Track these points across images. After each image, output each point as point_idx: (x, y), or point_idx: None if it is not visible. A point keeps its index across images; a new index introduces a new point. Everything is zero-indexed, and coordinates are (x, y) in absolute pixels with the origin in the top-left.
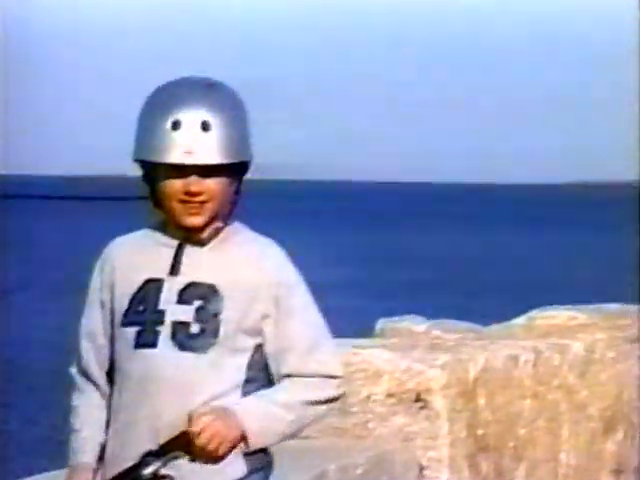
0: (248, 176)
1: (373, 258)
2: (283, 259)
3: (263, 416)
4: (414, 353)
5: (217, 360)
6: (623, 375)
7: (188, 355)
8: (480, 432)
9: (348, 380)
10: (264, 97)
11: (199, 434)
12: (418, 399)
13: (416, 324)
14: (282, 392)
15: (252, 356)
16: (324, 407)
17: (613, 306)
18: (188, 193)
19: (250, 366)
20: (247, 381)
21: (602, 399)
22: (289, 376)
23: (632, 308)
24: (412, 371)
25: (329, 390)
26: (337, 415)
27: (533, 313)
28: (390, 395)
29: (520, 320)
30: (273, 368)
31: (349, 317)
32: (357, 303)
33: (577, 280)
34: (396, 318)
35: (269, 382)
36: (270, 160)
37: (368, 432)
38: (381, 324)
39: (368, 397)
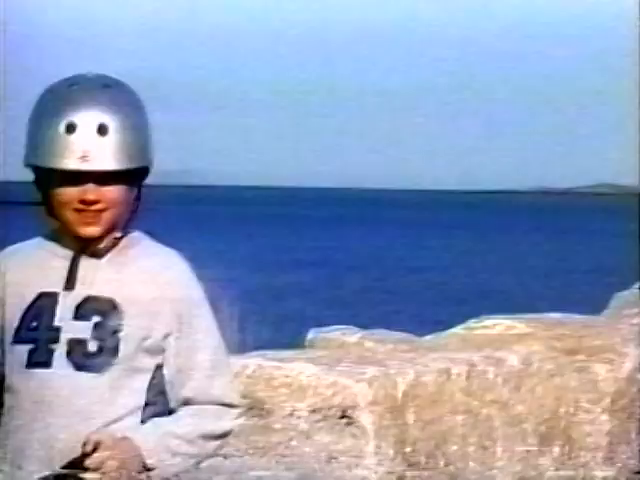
0: (149, 181)
1: (297, 263)
2: (186, 272)
3: (162, 448)
4: (340, 366)
5: (116, 381)
6: (560, 389)
7: (85, 375)
8: (409, 450)
9: (270, 395)
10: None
11: (95, 469)
12: (344, 415)
13: (348, 335)
14: (181, 423)
15: (152, 377)
16: (220, 441)
17: (553, 315)
18: (84, 201)
19: (150, 388)
20: (146, 404)
21: (538, 414)
22: (189, 401)
23: (572, 317)
24: (337, 386)
25: (228, 421)
26: (259, 432)
27: (471, 322)
28: (314, 411)
29: (457, 330)
30: (171, 391)
31: (281, 326)
32: (297, 310)
33: (528, 288)
34: (327, 328)
35: (168, 405)
36: (174, 165)
37: (291, 450)
38: (312, 334)
39: (291, 413)
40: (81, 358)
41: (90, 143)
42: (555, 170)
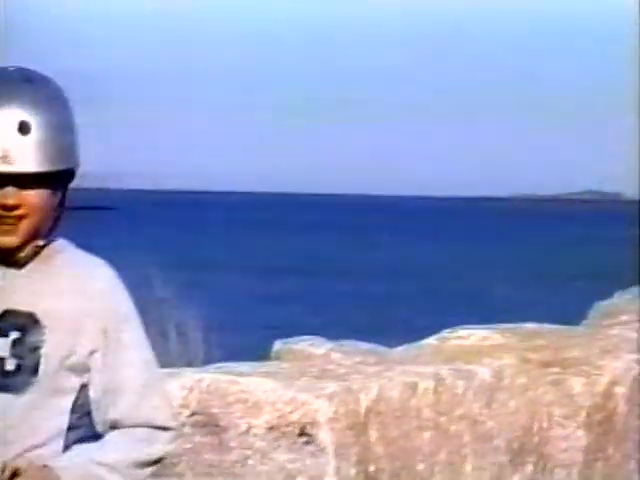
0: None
1: (272, 269)
2: (114, 283)
3: (87, 478)
4: (300, 381)
5: (36, 402)
6: (533, 403)
7: (2, 396)
8: (372, 469)
9: (226, 411)
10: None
11: None
12: (302, 433)
13: (316, 346)
14: (108, 450)
15: (77, 398)
16: (151, 469)
17: (530, 325)
18: (3, 206)
19: (74, 410)
20: (70, 428)
21: (510, 430)
22: (116, 424)
23: (549, 327)
24: (296, 402)
25: (160, 446)
26: (213, 451)
27: (445, 333)
28: (272, 428)
29: (431, 340)
30: (97, 413)
31: (255, 335)
32: (274, 318)
33: (511, 296)
34: (295, 339)
35: (94, 429)
36: (100, 168)
37: (247, 469)
38: (278, 345)
39: (247, 431)
40: None
41: (10, 142)
42: (542, 177)
